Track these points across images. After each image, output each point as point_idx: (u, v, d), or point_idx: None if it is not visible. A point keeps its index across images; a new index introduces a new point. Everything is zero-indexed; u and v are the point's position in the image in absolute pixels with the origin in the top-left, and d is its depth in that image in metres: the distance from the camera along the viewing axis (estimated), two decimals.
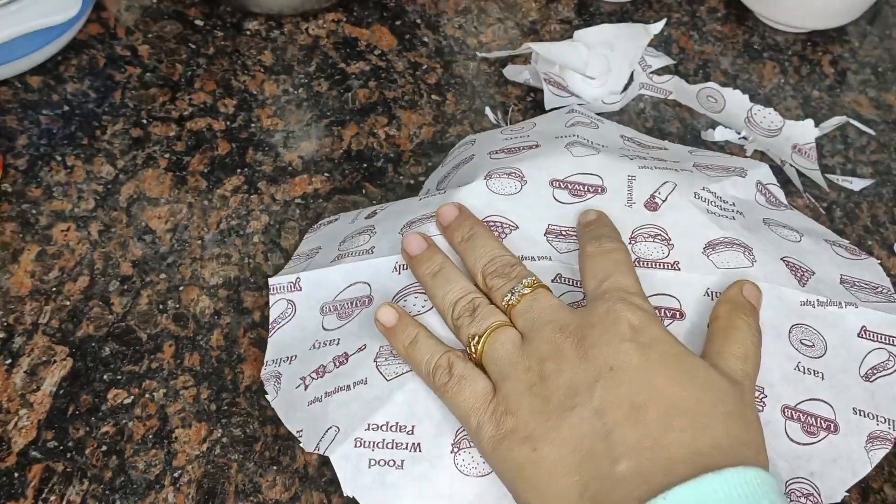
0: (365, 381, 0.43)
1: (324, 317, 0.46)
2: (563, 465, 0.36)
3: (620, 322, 0.38)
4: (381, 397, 0.42)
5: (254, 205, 0.55)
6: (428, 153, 0.58)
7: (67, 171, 0.56)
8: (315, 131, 0.60)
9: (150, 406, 0.46)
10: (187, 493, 0.43)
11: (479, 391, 0.39)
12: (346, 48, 0.65)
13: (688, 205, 0.47)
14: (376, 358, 0.43)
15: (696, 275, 0.44)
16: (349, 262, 0.47)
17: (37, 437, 0.45)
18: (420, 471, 0.40)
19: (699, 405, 0.36)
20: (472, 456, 0.40)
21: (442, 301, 0.42)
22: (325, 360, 0.45)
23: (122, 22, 0.65)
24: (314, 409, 0.43)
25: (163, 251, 0.53)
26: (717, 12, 0.68)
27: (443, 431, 0.41)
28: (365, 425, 0.41)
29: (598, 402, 0.36)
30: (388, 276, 0.46)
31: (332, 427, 0.42)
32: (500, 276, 0.42)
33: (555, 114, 0.58)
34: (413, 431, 0.41)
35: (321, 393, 0.43)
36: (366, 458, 0.41)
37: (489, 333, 0.40)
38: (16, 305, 0.50)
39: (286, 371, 0.45)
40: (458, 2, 0.68)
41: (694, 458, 0.34)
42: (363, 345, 0.44)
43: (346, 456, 0.41)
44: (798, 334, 0.44)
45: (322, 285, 0.47)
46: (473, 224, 0.45)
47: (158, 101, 0.60)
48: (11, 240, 0.53)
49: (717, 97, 0.60)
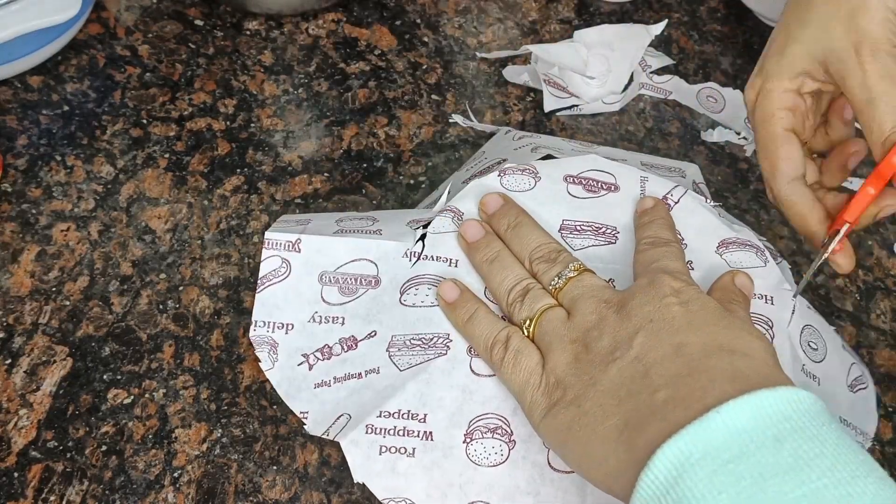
0: (377, 371, 0.43)
1: (323, 286, 0.45)
2: (605, 412, 0.36)
3: (663, 286, 0.39)
4: (395, 386, 0.42)
5: (254, 205, 0.55)
6: (428, 153, 0.58)
7: (67, 171, 0.56)
8: (315, 131, 0.60)
9: (150, 406, 0.46)
10: (187, 493, 0.43)
11: (533, 365, 0.40)
12: (345, 48, 0.65)
13: (699, 208, 0.47)
14: (389, 348, 0.43)
15: (709, 273, 0.45)
16: (355, 237, 0.46)
17: (37, 436, 0.45)
18: (432, 459, 0.41)
19: (737, 341, 0.36)
20: (485, 446, 0.41)
21: (498, 287, 0.44)
22: (329, 340, 0.44)
23: (122, 22, 0.65)
24: (322, 394, 0.43)
25: (163, 251, 0.53)
26: (717, 12, 0.68)
27: (456, 422, 0.41)
28: (377, 412, 0.41)
29: (638, 349, 0.37)
30: (397, 262, 0.46)
31: (344, 415, 0.42)
32: (546, 262, 0.43)
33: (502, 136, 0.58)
34: (425, 420, 0.41)
35: (329, 377, 0.43)
36: (377, 445, 0.41)
37: (540, 314, 0.41)
38: (16, 305, 0.50)
39: (283, 341, 0.45)
40: (458, 2, 0.68)
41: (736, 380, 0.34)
42: (373, 331, 0.44)
43: (356, 442, 0.41)
44: (807, 336, 0.44)
45: (324, 253, 0.46)
46: (518, 213, 0.46)
47: (158, 101, 0.60)
48: (11, 240, 0.53)
49: (717, 97, 0.60)
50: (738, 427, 0.31)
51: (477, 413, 0.42)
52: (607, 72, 0.61)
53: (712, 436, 0.31)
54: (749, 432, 0.31)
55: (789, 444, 0.31)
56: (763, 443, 0.31)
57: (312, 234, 0.45)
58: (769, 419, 0.31)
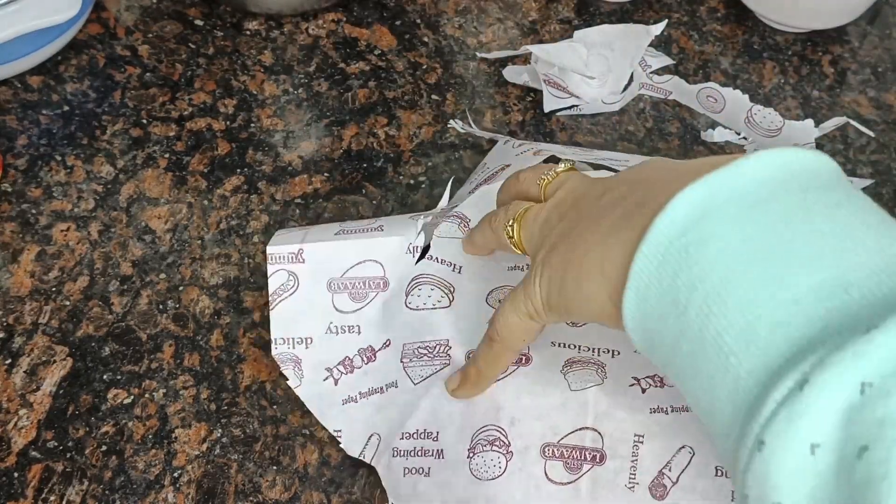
0: (396, 385, 0.44)
1: (333, 294, 0.45)
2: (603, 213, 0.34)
3: None
4: (412, 402, 0.43)
5: (254, 205, 0.55)
6: (428, 153, 0.58)
7: (67, 171, 0.56)
8: (315, 131, 0.60)
9: (150, 406, 0.46)
10: (187, 493, 0.43)
11: None
12: (345, 48, 0.65)
13: None
14: (402, 358, 0.44)
15: None
16: (356, 237, 0.46)
17: (37, 436, 0.45)
18: (443, 478, 0.41)
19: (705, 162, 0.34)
20: (485, 460, 0.41)
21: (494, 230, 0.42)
22: (349, 352, 0.45)
23: (122, 22, 0.65)
24: (351, 411, 0.44)
25: (163, 251, 0.53)
26: (717, 12, 0.68)
27: (463, 437, 0.42)
28: (399, 434, 0.42)
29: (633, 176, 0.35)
30: (401, 258, 0.45)
31: (374, 435, 0.43)
32: (534, 170, 0.42)
33: None
34: (437, 438, 0.42)
35: (355, 393, 0.44)
36: (401, 468, 0.42)
37: (522, 214, 0.40)
38: (16, 305, 0.50)
39: (305, 356, 0.45)
40: (458, 2, 0.68)
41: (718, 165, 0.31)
42: (387, 340, 0.45)
43: (388, 466, 0.42)
44: None
45: (327, 259, 0.45)
46: None
47: (158, 101, 0.60)
48: (11, 240, 0.53)
49: (716, 97, 0.60)
50: (765, 176, 0.30)
51: (478, 426, 0.42)
52: (607, 72, 0.61)
53: (738, 182, 0.30)
54: (777, 181, 0.30)
55: (817, 192, 0.29)
56: (791, 189, 0.29)
57: (313, 241, 0.45)
58: (798, 172, 0.30)
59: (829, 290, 0.27)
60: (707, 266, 0.29)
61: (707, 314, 0.28)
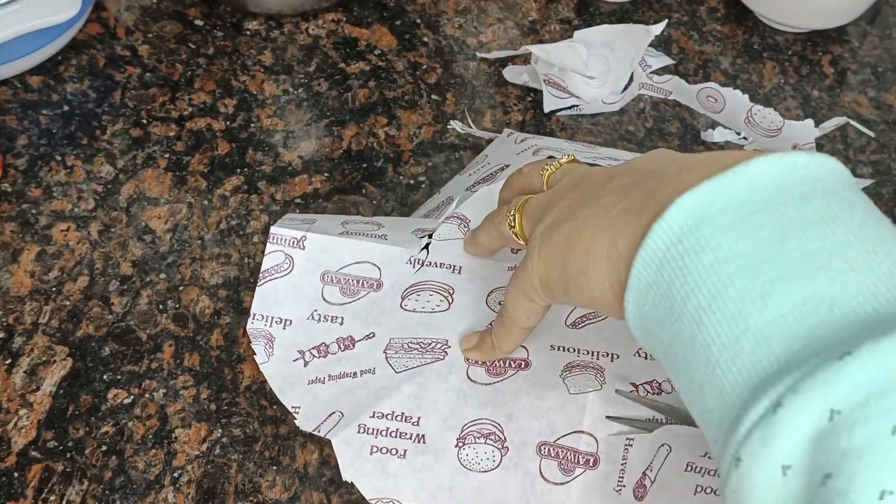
0: (373, 371, 0.43)
1: (324, 286, 0.45)
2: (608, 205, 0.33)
3: None
4: (389, 387, 0.42)
5: (254, 205, 0.55)
6: (428, 153, 0.58)
7: (67, 171, 0.56)
8: (315, 131, 0.60)
9: (150, 406, 0.46)
10: (187, 493, 0.43)
11: None
12: (345, 48, 0.65)
13: None
14: (386, 349, 0.44)
15: None
16: (359, 239, 0.46)
17: (37, 436, 0.45)
18: (423, 462, 0.41)
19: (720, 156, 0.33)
20: (476, 451, 0.41)
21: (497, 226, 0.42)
22: (327, 339, 0.44)
23: (122, 22, 0.65)
24: (316, 390, 0.43)
25: (163, 251, 0.53)
26: (717, 12, 0.68)
27: (450, 426, 0.41)
28: (370, 412, 0.41)
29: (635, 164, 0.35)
30: (401, 267, 0.46)
31: (336, 412, 0.42)
32: (537, 162, 0.42)
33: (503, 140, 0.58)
34: (419, 423, 0.41)
35: (324, 375, 0.43)
36: (368, 445, 0.41)
37: (524, 203, 0.39)
38: (16, 305, 0.50)
39: (280, 336, 0.44)
40: (458, 2, 0.68)
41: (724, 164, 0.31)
42: (371, 332, 0.44)
43: (347, 441, 0.41)
44: None
45: (328, 252, 0.45)
46: None
47: (158, 101, 0.60)
48: (11, 240, 0.53)
49: (716, 97, 0.60)
50: (765, 182, 0.29)
51: (471, 417, 0.42)
52: (607, 72, 0.61)
53: (737, 189, 0.29)
54: (777, 188, 0.29)
55: (817, 202, 0.29)
56: (790, 198, 0.29)
57: (318, 232, 0.45)
58: (799, 179, 0.30)
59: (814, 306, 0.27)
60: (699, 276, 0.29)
61: (698, 323, 0.28)
